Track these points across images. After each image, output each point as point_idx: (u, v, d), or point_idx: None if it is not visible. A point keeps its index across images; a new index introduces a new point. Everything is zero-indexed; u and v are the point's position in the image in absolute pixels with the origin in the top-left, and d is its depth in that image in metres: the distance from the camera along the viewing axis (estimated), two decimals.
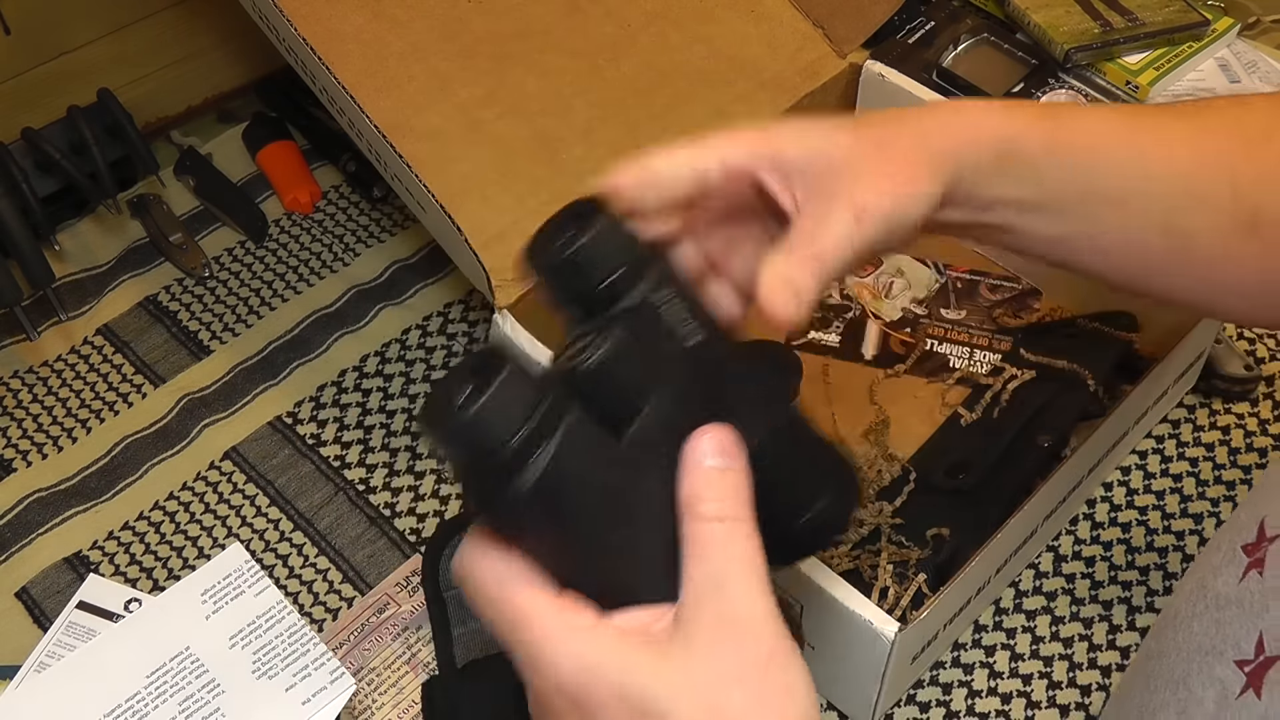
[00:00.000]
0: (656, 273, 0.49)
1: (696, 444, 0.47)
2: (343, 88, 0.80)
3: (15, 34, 0.93)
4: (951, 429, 0.84)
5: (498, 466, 0.43)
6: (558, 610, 0.45)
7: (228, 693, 0.66)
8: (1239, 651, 0.48)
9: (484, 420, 0.43)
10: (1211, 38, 0.94)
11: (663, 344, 0.48)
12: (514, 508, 0.44)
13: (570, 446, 0.43)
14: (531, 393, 0.43)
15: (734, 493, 0.46)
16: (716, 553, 0.45)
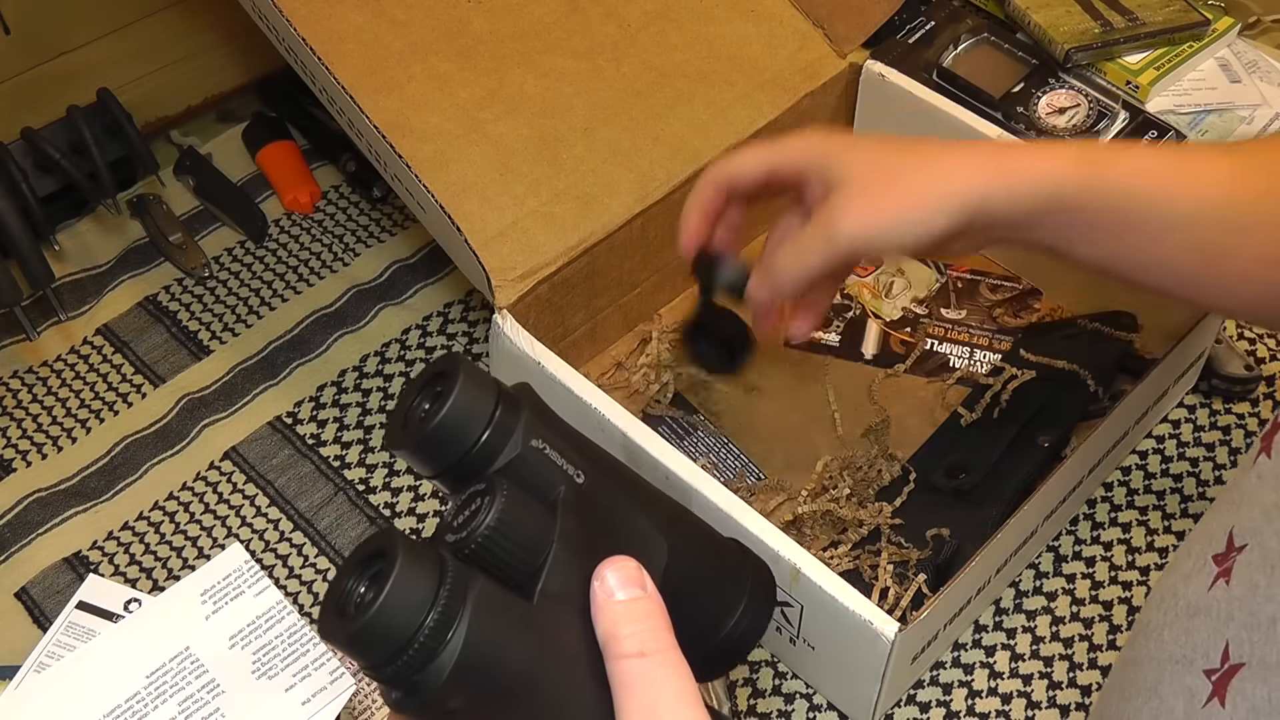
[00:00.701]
0: (528, 419, 0.47)
1: (601, 581, 0.45)
2: (343, 88, 0.80)
3: (15, 34, 0.93)
4: (951, 429, 0.84)
5: (410, 661, 0.41)
6: None
7: (228, 693, 0.66)
8: (1207, 660, 0.48)
9: (386, 618, 0.41)
10: (1212, 37, 0.94)
11: (549, 490, 0.47)
12: (436, 695, 0.42)
13: (480, 621, 0.42)
14: (431, 575, 0.42)
15: (647, 621, 0.45)
16: (641, 690, 0.44)
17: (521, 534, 0.44)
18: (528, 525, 0.45)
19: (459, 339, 0.93)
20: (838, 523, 0.79)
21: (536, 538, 0.45)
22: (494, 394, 0.47)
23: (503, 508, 0.44)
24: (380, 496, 0.85)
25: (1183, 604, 0.51)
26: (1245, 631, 0.46)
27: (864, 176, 0.65)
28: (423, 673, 0.41)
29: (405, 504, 0.84)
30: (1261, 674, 0.45)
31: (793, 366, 0.89)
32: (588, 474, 0.48)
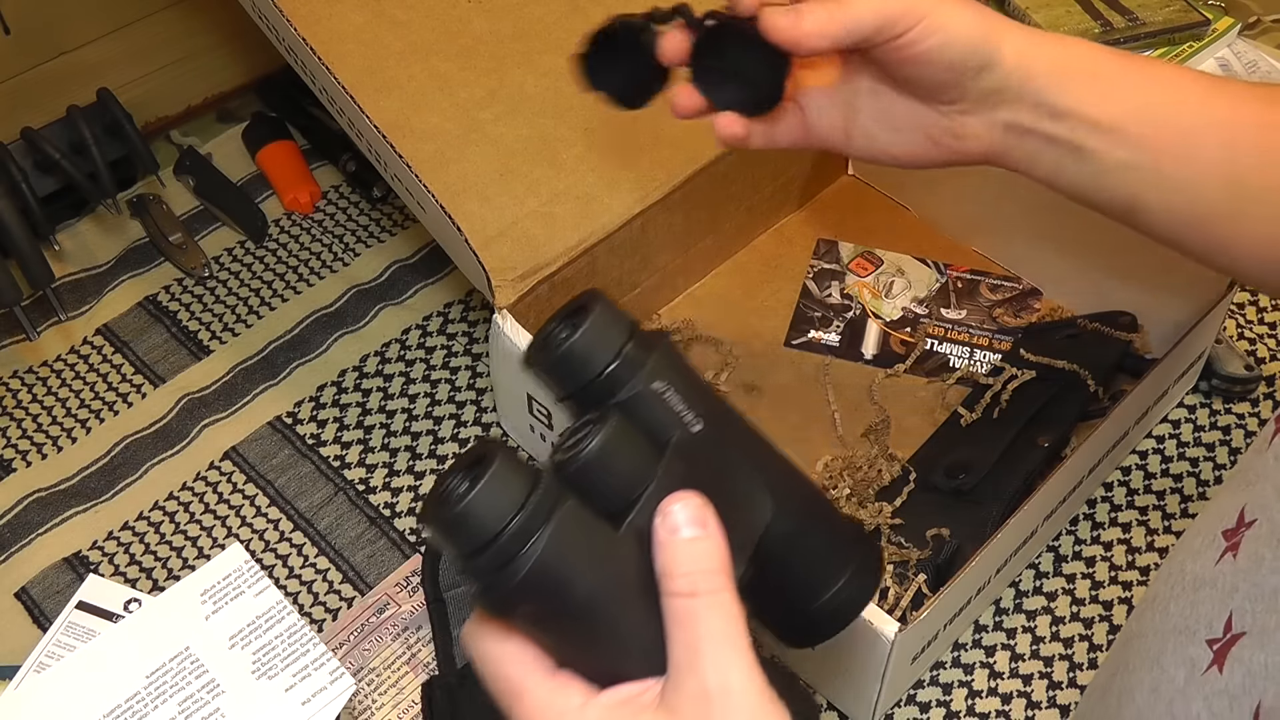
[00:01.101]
0: (655, 362, 0.49)
1: (665, 516, 0.46)
2: (343, 88, 0.80)
3: (15, 34, 0.93)
4: (951, 429, 0.84)
5: (491, 557, 0.44)
6: (549, 689, 0.46)
7: (228, 693, 0.66)
8: (1210, 631, 0.49)
9: (475, 512, 0.43)
10: (1212, 37, 0.94)
11: (662, 432, 0.48)
12: (507, 596, 0.44)
13: (561, 536, 0.44)
14: (524, 484, 0.44)
15: (705, 563, 0.46)
16: (690, 628, 0.45)
17: (621, 465, 0.46)
18: (629, 458, 0.46)
19: (459, 339, 0.93)
20: None
21: (635, 472, 0.46)
22: (627, 332, 0.49)
23: (608, 437, 0.46)
24: (380, 496, 0.85)
25: (1189, 578, 0.52)
26: (1249, 602, 0.47)
27: None
28: (500, 572, 0.44)
29: (405, 504, 0.84)
30: (1260, 640, 0.46)
31: (793, 366, 0.89)
32: (706, 425, 0.49)
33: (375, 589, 0.80)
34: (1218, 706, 0.47)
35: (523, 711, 0.46)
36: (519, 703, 0.46)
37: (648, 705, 0.45)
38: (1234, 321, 0.93)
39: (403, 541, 0.82)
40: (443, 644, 0.76)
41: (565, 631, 0.46)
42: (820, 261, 0.95)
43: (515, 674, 0.46)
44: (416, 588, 0.80)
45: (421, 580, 0.79)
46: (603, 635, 0.46)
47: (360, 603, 0.80)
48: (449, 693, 0.74)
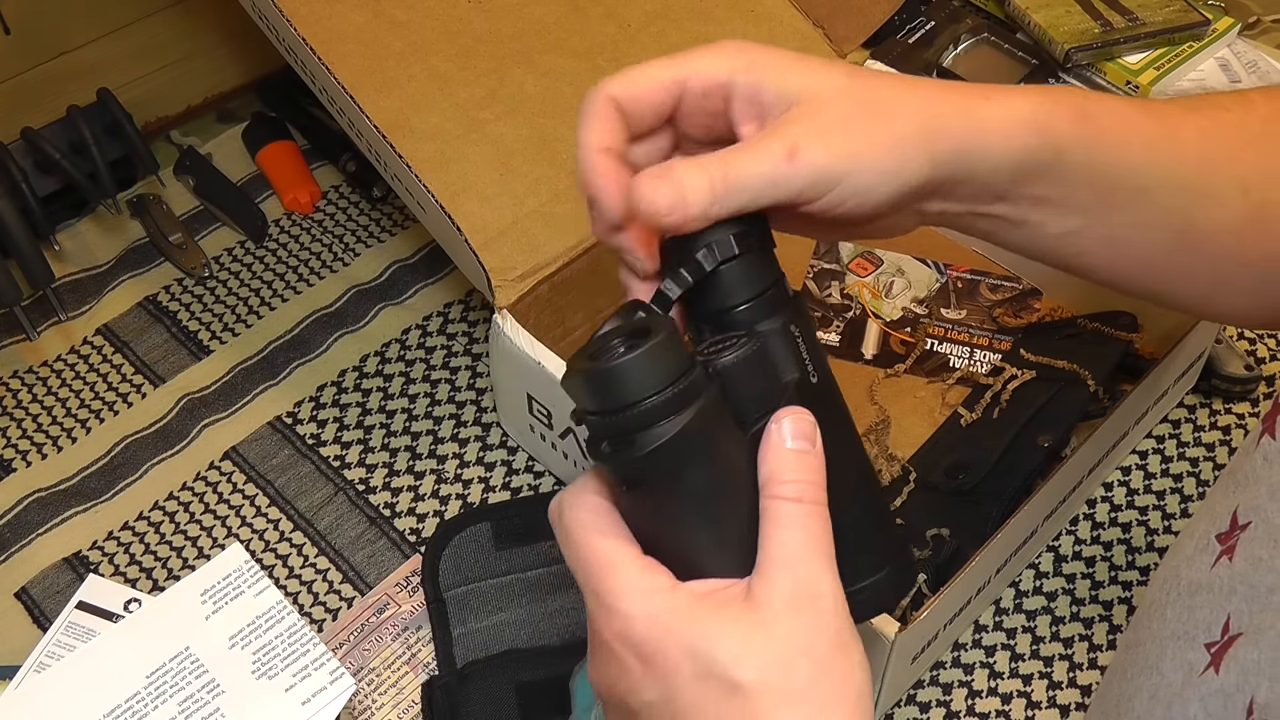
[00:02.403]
0: (797, 305, 0.51)
1: (778, 425, 0.48)
2: (343, 88, 0.80)
3: (15, 34, 0.93)
4: (951, 429, 0.84)
5: (634, 418, 0.45)
6: (640, 567, 0.47)
7: (228, 693, 0.66)
8: (1209, 635, 0.49)
9: (633, 370, 0.45)
10: (1212, 37, 0.94)
11: (786, 371, 0.50)
12: (635, 462, 0.46)
13: (704, 419, 0.45)
14: (681, 360, 0.46)
15: (812, 475, 0.47)
16: (793, 530, 0.46)
17: (755, 380, 0.48)
18: (757, 378, 0.48)
19: (459, 339, 0.93)
20: None
21: (759, 391, 0.48)
22: (777, 272, 0.51)
23: (746, 355, 0.48)
24: (380, 496, 0.85)
25: (1185, 583, 0.52)
26: (1246, 604, 0.47)
27: (830, 96, 0.49)
28: (640, 434, 0.45)
29: (405, 504, 0.84)
30: (1254, 639, 0.46)
31: None
32: (823, 380, 0.51)
33: (375, 589, 0.80)
34: (1213, 706, 0.47)
35: (609, 584, 0.46)
36: (608, 575, 0.47)
37: (735, 597, 0.46)
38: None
39: (403, 541, 0.82)
40: (443, 644, 0.76)
41: (670, 515, 0.47)
42: (820, 261, 0.95)
43: (608, 548, 0.47)
44: (416, 588, 0.80)
45: (421, 580, 0.79)
46: (703, 526, 0.47)
47: (360, 603, 0.80)
48: (449, 693, 0.74)
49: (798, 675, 0.45)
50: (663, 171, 0.48)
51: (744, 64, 0.50)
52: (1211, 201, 0.57)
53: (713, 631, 0.45)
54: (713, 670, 0.44)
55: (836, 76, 0.50)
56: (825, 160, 0.48)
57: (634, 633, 0.46)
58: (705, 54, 0.51)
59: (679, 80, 0.51)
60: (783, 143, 0.48)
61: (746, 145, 0.49)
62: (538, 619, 0.77)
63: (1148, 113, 0.57)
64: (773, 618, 0.45)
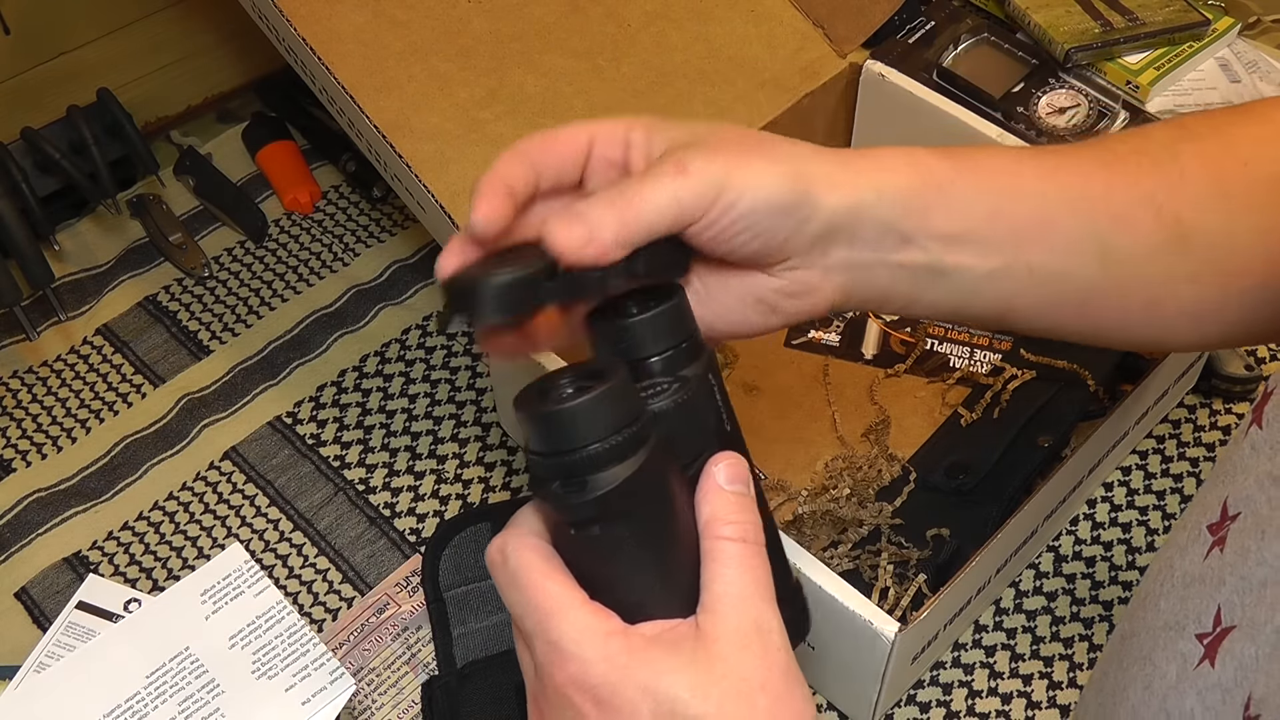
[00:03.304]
0: (711, 358, 0.52)
1: (718, 468, 0.49)
2: (343, 88, 0.80)
3: (15, 34, 0.93)
4: (951, 429, 0.84)
5: (589, 460, 0.46)
6: (591, 611, 0.47)
7: (227, 693, 0.66)
8: (1199, 625, 0.49)
9: (592, 413, 0.46)
10: (1212, 37, 0.94)
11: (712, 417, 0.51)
12: (588, 504, 0.46)
13: (655, 463, 0.47)
14: (634, 405, 0.47)
15: (750, 517, 0.49)
16: (738, 570, 0.48)
17: (687, 426, 0.50)
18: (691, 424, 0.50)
19: (459, 339, 0.93)
20: (838, 523, 0.79)
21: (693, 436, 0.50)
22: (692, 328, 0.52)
23: (684, 399, 0.49)
24: (380, 496, 0.85)
25: (1178, 574, 0.52)
26: (1237, 595, 0.47)
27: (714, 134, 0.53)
28: (593, 476, 0.46)
29: (405, 504, 0.84)
30: (1250, 634, 0.46)
31: (793, 366, 0.89)
32: (733, 429, 0.52)
33: (375, 589, 0.80)
34: (1210, 700, 0.47)
35: (564, 626, 0.47)
36: (560, 619, 0.47)
37: (685, 635, 0.47)
38: None
39: (403, 541, 0.82)
40: (443, 644, 0.76)
41: (618, 557, 0.47)
42: None
43: (557, 592, 0.47)
44: (416, 588, 0.80)
45: (421, 580, 0.79)
46: (651, 568, 0.48)
47: (360, 603, 0.80)
48: (449, 693, 0.74)
49: (757, 709, 0.46)
50: (567, 211, 0.50)
51: (642, 126, 0.54)
52: (1124, 224, 0.57)
53: (668, 670, 0.46)
54: (675, 709, 0.45)
55: (727, 130, 0.54)
56: (710, 168, 0.51)
57: (590, 676, 0.46)
58: (611, 121, 0.55)
59: (589, 138, 0.54)
60: (671, 162, 0.51)
61: (644, 175, 0.51)
62: None
63: (1036, 150, 0.60)
64: (726, 654, 0.46)
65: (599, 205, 0.50)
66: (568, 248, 0.49)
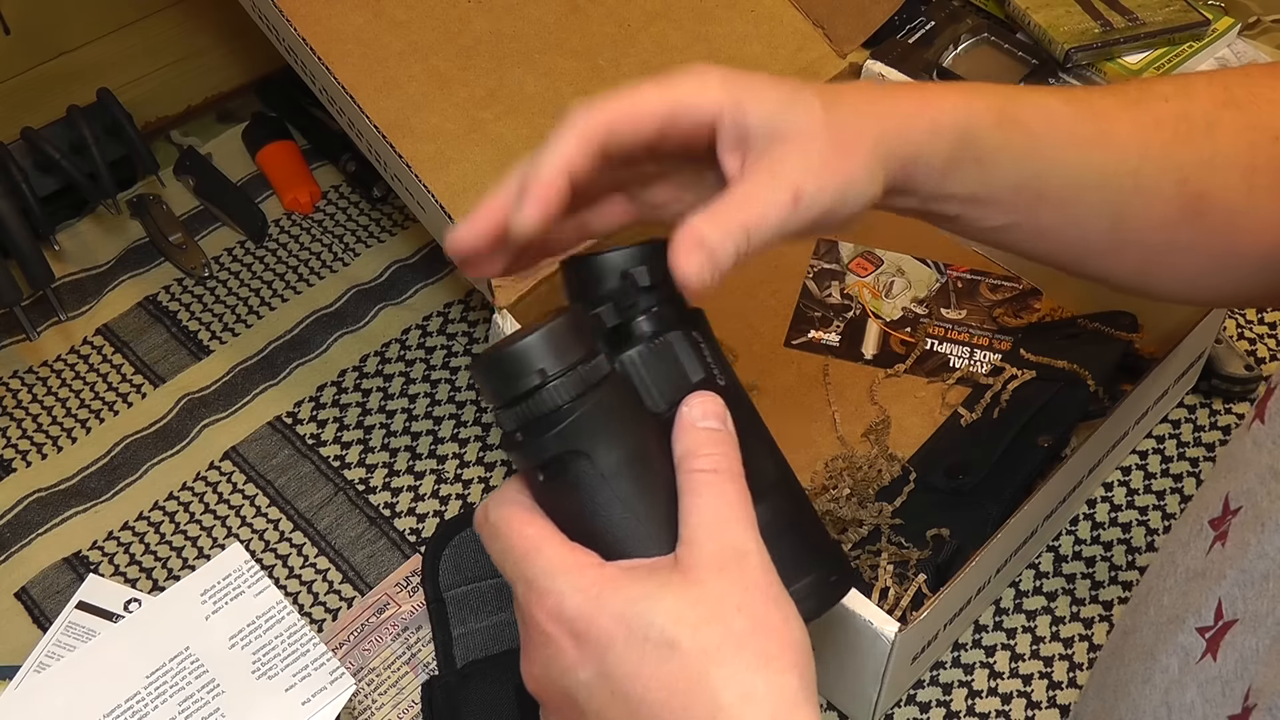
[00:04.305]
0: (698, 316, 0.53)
1: (689, 407, 0.50)
2: (343, 88, 0.80)
3: (15, 34, 0.93)
4: (951, 429, 0.84)
5: (541, 399, 0.46)
6: (568, 548, 0.48)
7: (228, 693, 0.66)
8: (1200, 619, 0.49)
9: (533, 349, 0.46)
10: (1212, 37, 0.94)
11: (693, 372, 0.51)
12: (546, 442, 0.47)
13: (612, 399, 0.47)
14: (583, 341, 0.47)
15: (725, 449, 0.49)
16: (710, 497, 0.48)
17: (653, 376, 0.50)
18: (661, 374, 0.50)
19: (459, 339, 0.93)
20: (838, 523, 0.79)
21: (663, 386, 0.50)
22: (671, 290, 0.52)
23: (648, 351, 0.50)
24: (380, 496, 0.85)
25: (1180, 569, 0.52)
26: (1238, 589, 0.48)
27: (810, 132, 0.52)
28: (549, 414, 0.47)
29: (405, 504, 0.84)
30: (1252, 626, 0.46)
31: (793, 366, 0.89)
32: (730, 385, 0.53)
33: (375, 589, 0.80)
34: (1211, 693, 0.47)
35: (541, 563, 0.48)
36: (536, 557, 0.48)
37: (663, 566, 0.47)
38: (1234, 321, 0.93)
39: (403, 541, 0.82)
40: (443, 644, 0.76)
41: (588, 497, 0.48)
42: (820, 261, 0.95)
43: (532, 533, 0.48)
44: (416, 588, 0.80)
45: (421, 580, 0.79)
46: (622, 505, 0.48)
47: (360, 603, 0.80)
48: (449, 693, 0.74)
49: (734, 629, 0.45)
50: (696, 243, 0.49)
51: (731, 100, 0.52)
52: (1146, 197, 0.58)
53: (643, 596, 0.46)
54: (648, 634, 0.45)
55: (814, 110, 0.53)
56: (823, 198, 0.52)
57: (566, 608, 0.47)
58: (693, 87, 0.52)
59: (670, 114, 0.52)
60: (787, 187, 0.51)
61: (753, 194, 0.51)
62: None
63: (1081, 111, 0.59)
64: (702, 579, 0.46)
65: (719, 235, 0.49)
66: (697, 281, 0.49)
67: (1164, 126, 0.58)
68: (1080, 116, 0.58)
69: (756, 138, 0.52)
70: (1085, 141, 0.58)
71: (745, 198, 0.51)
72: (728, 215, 0.50)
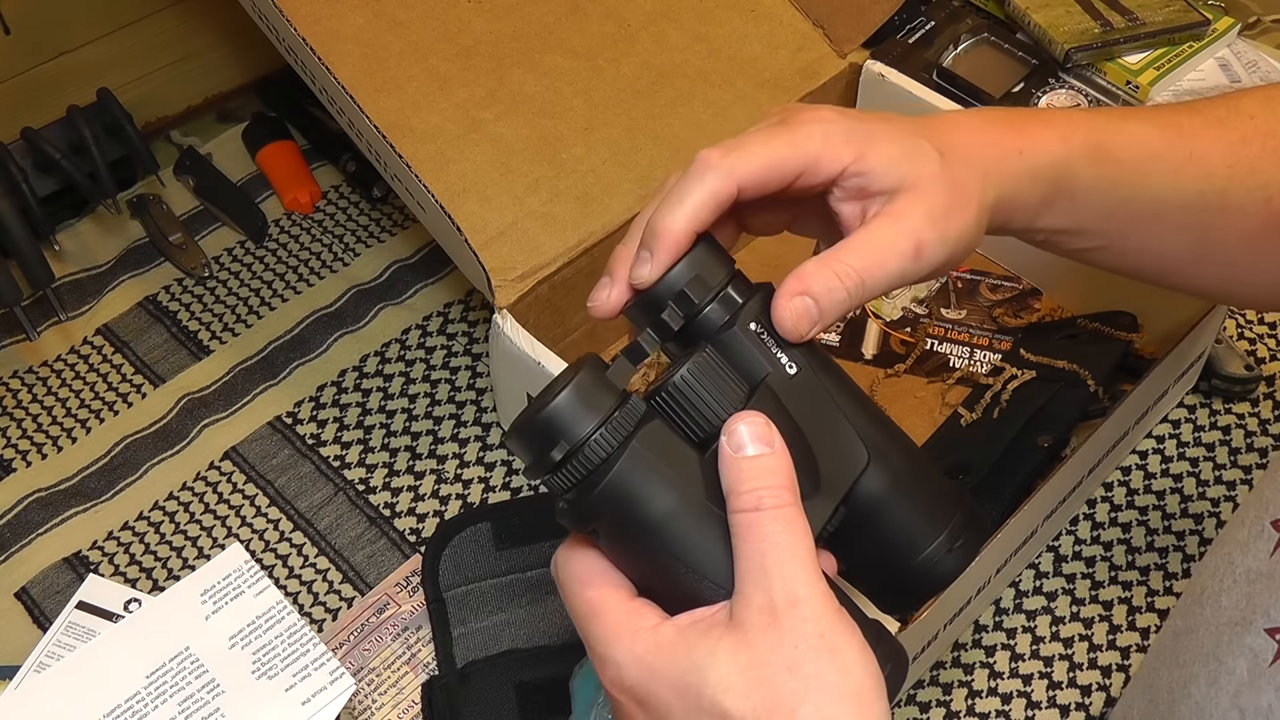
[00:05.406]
0: (754, 304, 0.51)
1: (726, 438, 0.48)
2: (343, 88, 0.80)
3: (15, 34, 0.93)
4: (951, 429, 0.84)
5: (577, 464, 0.46)
6: (625, 611, 0.47)
7: (228, 693, 0.66)
8: (1269, 620, 0.49)
9: (558, 415, 0.46)
10: (1212, 37, 0.94)
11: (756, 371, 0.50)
12: (588, 506, 0.46)
13: (647, 448, 0.46)
14: (609, 398, 0.46)
15: (766, 479, 0.47)
16: (754, 541, 0.46)
17: (708, 394, 0.48)
18: (716, 389, 0.48)
19: (459, 339, 0.93)
20: None
21: (719, 401, 0.48)
22: (726, 273, 0.52)
23: (696, 366, 0.48)
24: (380, 496, 0.85)
25: (1240, 570, 0.52)
26: None
27: (928, 185, 0.54)
28: (582, 482, 0.46)
29: (405, 504, 0.84)
30: None
31: None
32: (801, 370, 0.51)
33: (375, 589, 0.80)
34: None
35: (599, 630, 0.47)
36: (596, 622, 0.48)
37: (718, 623, 0.46)
38: (1234, 321, 0.93)
39: (403, 541, 0.82)
40: (443, 644, 0.76)
41: (642, 550, 0.47)
42: None
43: (593, 597, 0.48)
44: (416, 588, 0.80)
45: (421, 580, 0.79)
46: (679, 555, 0.47)
47: (360, 603, 0.80)
48: (449, 693, 0.74)
49: (784, 693, 0.44)
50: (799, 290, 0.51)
51: (854, 155, 0.53)
52: (1232, 215, 0.59)
53: (696, 665, 0.45)
54: (700, 704, 0.45)
55: (932, 161, 0.54)
56: (943, 250, 0.53)
57: (625, 679, 0.47)
58: (822, 143, 0.53)
59: (800, 173, 0.54)
60: (909, 241, 0.52)
61: (875, 243, 0.52)
62: (538, 619, 0.77)
63: (1170, 134, 0.59)
64: (750, 639, 0.45)
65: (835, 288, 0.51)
66: (790, 327, 0.51)
67: (1251, 144, 0.59)
68: (1170, 140, 0.59)
69: (878, 188, 0.53)
70: (1175, 165, 0.59)
71: (867, 246, 0.52)
72: (846, 262, 0.51)
